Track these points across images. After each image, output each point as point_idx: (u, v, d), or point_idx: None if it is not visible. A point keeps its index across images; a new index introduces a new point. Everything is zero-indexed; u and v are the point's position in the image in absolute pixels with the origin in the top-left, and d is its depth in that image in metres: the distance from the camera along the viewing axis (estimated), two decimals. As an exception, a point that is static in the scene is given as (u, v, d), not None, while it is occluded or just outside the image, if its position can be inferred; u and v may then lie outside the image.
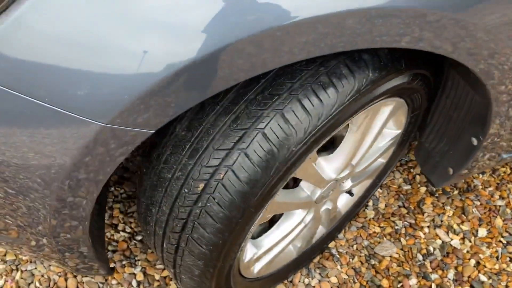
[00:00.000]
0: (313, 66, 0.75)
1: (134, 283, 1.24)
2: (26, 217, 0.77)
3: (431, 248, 1.36)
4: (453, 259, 1.34)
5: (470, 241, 1.38)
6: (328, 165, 0.97)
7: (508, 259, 1.34)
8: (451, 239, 1.38)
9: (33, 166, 0.66)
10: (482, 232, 1.39)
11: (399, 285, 1.28)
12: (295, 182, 1.04)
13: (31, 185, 0.69)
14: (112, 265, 1.26)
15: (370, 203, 1.45)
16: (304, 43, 0.61)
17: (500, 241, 1.38)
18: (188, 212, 0.78)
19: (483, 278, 1.30)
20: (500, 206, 1.46)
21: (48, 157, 0.66)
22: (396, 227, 1.40)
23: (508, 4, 0.71)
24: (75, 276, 1.24)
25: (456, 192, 1.49)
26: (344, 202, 1.24)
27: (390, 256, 1.34)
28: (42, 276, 1.23)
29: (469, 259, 1.34)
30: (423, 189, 1.50)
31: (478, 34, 0.71)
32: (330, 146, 1.02)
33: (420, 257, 1.34)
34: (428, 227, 1.41)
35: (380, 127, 0.98)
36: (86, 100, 0.61)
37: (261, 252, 1.02)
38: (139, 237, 1.33)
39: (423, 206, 1.46)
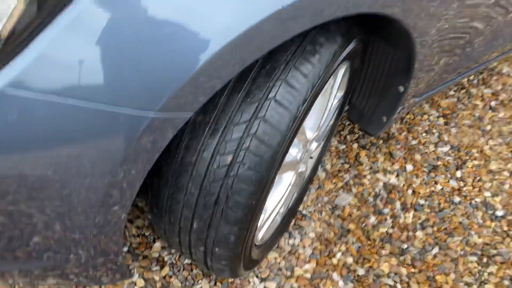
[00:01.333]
0: (299, 40, 0.90)
1: (137, 290, 1.27)
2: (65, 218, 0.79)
3: (377, 190, 1.62)
4: (395, 194, 1.61)
5: (402, 177, 1.67)
6: (306, 126, 1.14)
7: (433, 182, 1.66)
8: (389, 179, 1.66)
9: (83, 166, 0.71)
10: (409, 167, 1.70)
11: (363, 225, 1.51)
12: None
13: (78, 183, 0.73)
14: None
15: (319, 167, 1.65)
16: (301, 20, 0.76)
17: (424, 171, 1.70)
18: (220, 184, 0.88)
19: (421, 202, 1.59)
20: (415, 144, 1.79)
21: (100, 155, 0.71)
22: (345, 180, 1.63)
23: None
24: (75, 301, 1.21)
25: (381, 142, 1.78)
26: (308, 166, 1.42)
27: (349, 204, 1.56)
28: (40, 311, 1.18)
29: (407, 190, 1.63)
30: (355, 146, 1.76)
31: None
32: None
33: (371, 199, 1.59)
34: (369, 174, 1.67)
35: (338, 88, 1.18)
36: (136, 93, 0.68)
37: (266, 216, 1.14)
38: (125, 248, 1.35)
39: (360, 159, 1.71)
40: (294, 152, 1.17)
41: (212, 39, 0.67)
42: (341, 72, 1.16)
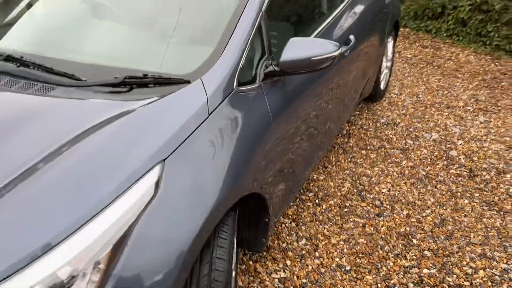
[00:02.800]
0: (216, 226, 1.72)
1: None
2: None
3: (275, 285, 2.42)
4: (287, 282, 2.44)
5: (287, 270, 2.52)
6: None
7: (306, 265, 2.55)
8: (280, 275, 2.49)
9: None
10: (288, 262, 2.57)
11: (278, 311, 2.28)
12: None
13: None
14: None
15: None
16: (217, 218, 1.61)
17: (297, 261, 2.59)
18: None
19: (304, 280, 2.45)
20: (285, 246, 2.69)
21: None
22: (255, 288, 2.41)
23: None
24: None
25: (265, 253, 2.64)
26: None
27: (264, 302, 2.32)
28: None
29: (293, 277, 2.47)
30: (251, 263, 2.57)
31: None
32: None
33: (275, 292, 2.39)
34: (267, 276, 2.48)
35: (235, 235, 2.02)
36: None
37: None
38: None
39: (257, 269, 2.52)
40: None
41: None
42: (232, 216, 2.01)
